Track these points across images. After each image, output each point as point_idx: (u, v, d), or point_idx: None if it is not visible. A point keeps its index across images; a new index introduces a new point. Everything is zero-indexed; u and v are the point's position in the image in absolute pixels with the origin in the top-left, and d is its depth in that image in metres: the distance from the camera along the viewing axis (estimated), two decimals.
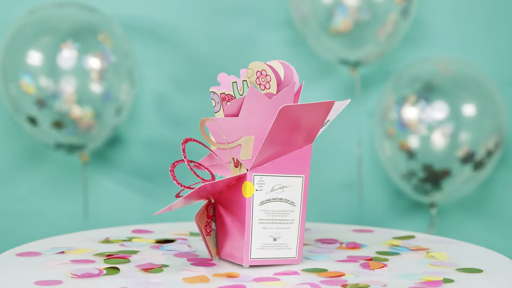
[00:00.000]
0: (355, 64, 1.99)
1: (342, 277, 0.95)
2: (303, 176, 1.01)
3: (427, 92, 1.92)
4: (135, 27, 2.08)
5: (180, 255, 1.07)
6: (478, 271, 0.98)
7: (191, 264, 1.02)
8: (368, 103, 2.11)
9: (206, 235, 1.03)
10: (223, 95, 1.03)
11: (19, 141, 2.07)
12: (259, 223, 1.00)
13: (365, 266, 1.00)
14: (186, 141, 1.04)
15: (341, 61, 1.99)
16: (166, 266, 1.01)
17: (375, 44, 1.94)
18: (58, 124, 1.85)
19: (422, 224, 2.11)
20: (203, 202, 1.06)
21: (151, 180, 2.11)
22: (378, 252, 1.09)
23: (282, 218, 1.01)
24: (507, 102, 2.05)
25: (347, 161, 2.12)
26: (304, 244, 1.14)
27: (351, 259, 1.05)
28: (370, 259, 1.04)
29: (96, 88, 1.86)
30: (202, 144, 1.06)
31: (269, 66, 1.04)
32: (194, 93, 2.07)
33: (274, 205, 1.01)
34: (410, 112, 1.92)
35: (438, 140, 1.90)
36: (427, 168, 1.91)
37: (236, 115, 1.01)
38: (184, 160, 1.03)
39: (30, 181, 2.08)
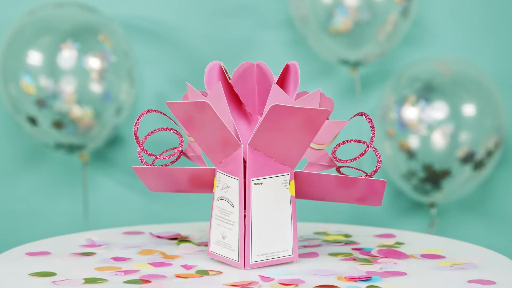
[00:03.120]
0: (355, 64, 1.99)
1: None
2: (238, 179, 1.00)
3: (427, 92, 1.92)
4: (135, 27, 2.08)
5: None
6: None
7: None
8: (368, 103, 2.11)
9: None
10: None
11: (19, 141, 2.07)
12: (215, 218, 1.02)
13: None
14: (147, 112, 1.06)
15: (341, 61, 1.99)
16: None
17: (375, 44, 1.94)
18: (58, 124, 1.85)
19: (422, 224, 2.11)
20: None
21: None
22: None
23: (227, 218, 1.01)
24: (507, 102, 2.05)
25: (347, 161, 2.11)
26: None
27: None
28: None
29: (96, 88, 1.86)
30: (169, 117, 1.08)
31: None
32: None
33: (222, 204, 1.02)
34: (410, 112, 1.92)
35: (438, 140, 1.90)
36: (427, 168, 1.91)
37: None
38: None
39: (30, 181, 2.08)
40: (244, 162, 1.00)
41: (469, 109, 1.90)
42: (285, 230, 1.01)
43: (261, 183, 1.00)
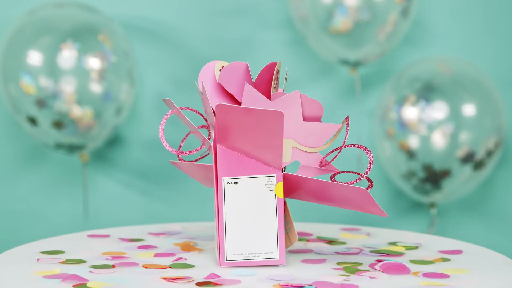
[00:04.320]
0: (355, 64, 1.99)
1: None
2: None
3: (427, 92, 1.92)
4: (135, 27, 2.08)
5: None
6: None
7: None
8: (368, 103, 2.11)
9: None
10: None
11: (19, 141, 2.07)
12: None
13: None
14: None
15: (341, 61, 1.99)
16: None
17: (375, 44, 1.94)
18: (58, 124, 1.85)
19: (422, 224, 2.11)
20: None
21: (151, 180, 2.11)
22: None
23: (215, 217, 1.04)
24: (507, 102, 2.05)
25: (347, 161, 2.12)
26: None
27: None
28: None
29: (96, 88, 1.86)
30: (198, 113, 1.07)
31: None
32: (194, 93, 2.07)
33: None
34: (410, 112, 1.92)
35: (438, 140, 1.90)
36: (427, 168, 1.91)
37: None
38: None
39: (30, 181, 2.08)
40: None
41: (469, 109, 1.90)
42: (269, 232, 1.00)
43: (236, 183, 1.00)
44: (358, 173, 1.03)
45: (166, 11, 2.09)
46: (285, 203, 1.04)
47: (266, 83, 1.03)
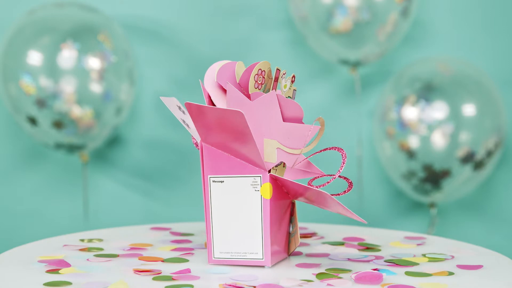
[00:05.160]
0: (355, 64, 1.99)
1: None
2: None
3: (427, 92, 1.92)
4: (135, 27, 2.08)
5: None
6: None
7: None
8: (368, 103, 2.11)
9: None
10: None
11: (19, 141, 2.07)
12: None
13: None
14: None
15: (341, 61, 1.99)
16: None
17: (375, 44, 1.94)
18: (58, 124, 1.85)
19: (422, 224, 2.11)
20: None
21: (151, 180, 2.11)
22: None
23: None
24: (507, 102, 2.05)
25: (347, 161, 2.12)
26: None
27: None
28: None
29: (96, 88, 1.86)
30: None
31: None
32: (194, 93, 2.07)
33: None
34: (410, 112, 1.92)
35: (438, 140, 1.90)
36: (427, 168, 1.91)
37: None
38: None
39: (30, 181, 2.08)
40: None
41: (469, 109, 1.91)
42: (255, 233, 0.99)
43: (221, 181, 1.00)
44: (331, 175, 1.01)
45: (166, 11, 2.09)
46: (294, 206, 1.04)
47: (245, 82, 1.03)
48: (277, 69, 1.03)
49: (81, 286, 0.89)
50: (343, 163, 0.98)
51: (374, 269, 0.98)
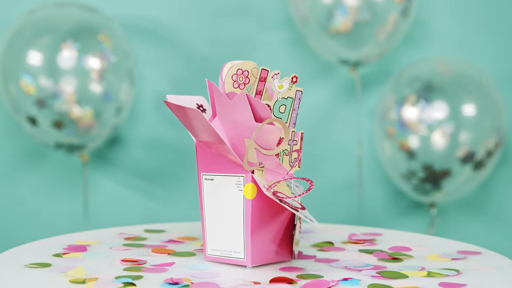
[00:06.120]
0: (355, 64, 1.99)
1: None
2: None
3: (427, 92, 1.92)
4: (135, 27, 2.08)
5: None
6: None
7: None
8: (368, 103, 2.11)
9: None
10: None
11: (19, 141, 2.07)
12: None
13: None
14: None
15: (341, 61, 1.99)
16: None
17: (375, 44, 1.94)
18: (58, 124, 1.85)
19: (422, 224, 2.11)
20: None
21: (151, 180, 2.11)
22: None
23: None
24: (507, 102, 2.05)
25: (347, 161, 2.12)
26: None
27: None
28: None
29: (96, 88, 1.86)
30: None
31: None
32: (194, 93, 2.07)
33: None
34: (410, 112, 1.92)
35: (438, 140, 1.90)
36: (427, 168, 1.91)
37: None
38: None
39: (30, 181, 2.08)
40: None
41: (469, 109, 1.91)
42: (237, 232, 0.99)
43: (211, 179, 1.01)
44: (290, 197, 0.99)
45: (166, 11, 2.09)
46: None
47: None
48: (263, 69, 1.02)
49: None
50: (308, 191, 0.97)
51: (345, 279, 0.94)
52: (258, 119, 0.99)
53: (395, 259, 1.06)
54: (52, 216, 2.08)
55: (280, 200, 0.96)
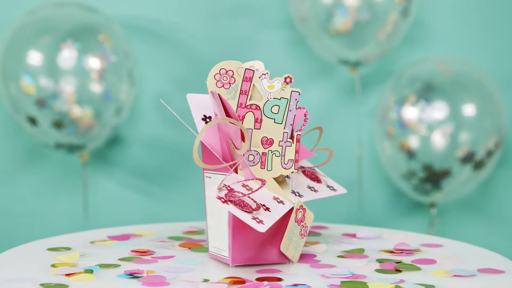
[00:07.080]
0: (355, 64, 1.99)
1: None
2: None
3: (427, 92, 1.92)
4: (135, 27, 2.08)
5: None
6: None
7: None
8: (368, 103, 2.11)
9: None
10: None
11: (19, 141, 2.07)
12: None
13: None
14: None
15: (341, 61, 1.99)
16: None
17: (375, 44, 1.94)
18: (58, 124, 1.85)
19: (422, 224, 2.11)
20: None
21: (151, 180, 2.11)
22: None
23: None
24: (507, 102, 2.05)
25: (347, 161, 2.12)
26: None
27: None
28: None
29: (96, 88, 1.86)
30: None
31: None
32: (194, 92, 2.07)
33: None
34: (410, 112, 1.92)
35: (438, 140, 1.90)
36: (427, 168, 1.91)
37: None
38: None
39: (30, 181, 2.08)
40: None
41: (469, 109, 1.91)
42: (224, 231, 0.99)
43: (209, 177, 1.02)
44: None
45: (166, 11, 2.09)
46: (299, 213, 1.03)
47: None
48: (247, 69, 1.01)
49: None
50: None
51: (295, 284, 0.90)
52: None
53: (398, 271, 0.97)
54: (52, 216, 2.08)
55: (231, 201, 0.93)
